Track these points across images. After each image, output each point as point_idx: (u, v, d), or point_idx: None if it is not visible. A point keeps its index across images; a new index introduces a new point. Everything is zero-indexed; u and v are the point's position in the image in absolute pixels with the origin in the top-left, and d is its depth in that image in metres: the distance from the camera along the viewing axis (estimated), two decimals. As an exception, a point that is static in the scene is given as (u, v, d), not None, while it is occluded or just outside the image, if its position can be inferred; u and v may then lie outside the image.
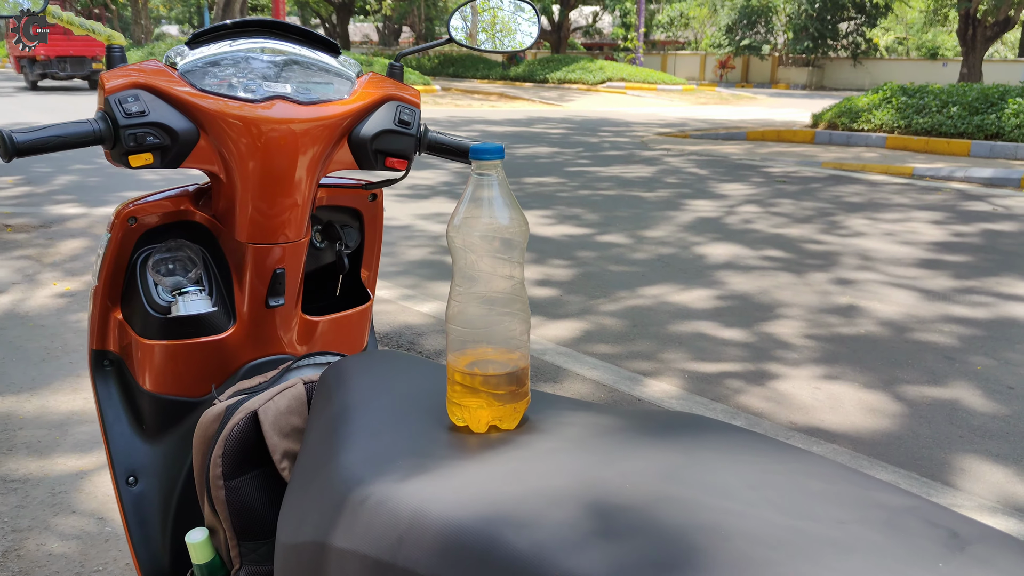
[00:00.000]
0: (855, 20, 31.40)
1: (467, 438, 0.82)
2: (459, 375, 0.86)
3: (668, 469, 0.67)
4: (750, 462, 0.69)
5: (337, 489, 0.77)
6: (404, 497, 0.69)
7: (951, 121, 9.94)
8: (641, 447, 0.74)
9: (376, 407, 0.90)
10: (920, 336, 3.49)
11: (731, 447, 0.73)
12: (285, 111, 1.20)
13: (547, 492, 0.66)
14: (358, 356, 1.07)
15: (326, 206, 1.41)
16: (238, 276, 1.28)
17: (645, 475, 0.66)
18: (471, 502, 0.66)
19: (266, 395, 1.05)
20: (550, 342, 3.36)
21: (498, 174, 0.84)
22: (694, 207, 6.43)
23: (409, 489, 0.70)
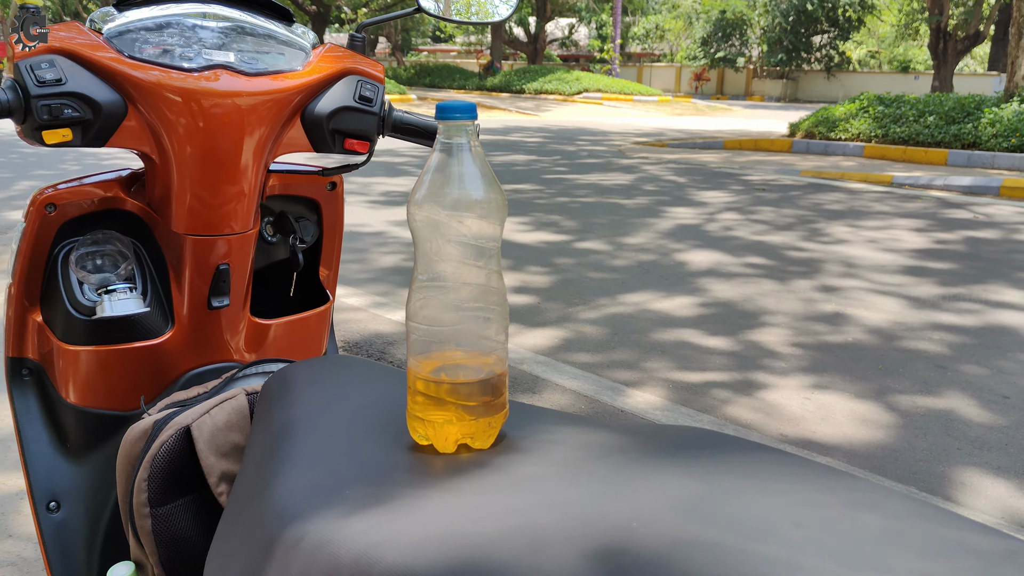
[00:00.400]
0: (828, 33, 31.67)
1: (431, 460, 0.67)
2: (422, 383, 0.71)
3: (686, 502, 0.53)
4: (787, 491, 0.54)
5: (268, 526, 0.62)
6: (348, 538, 0.55)
7: (928, 130, 9.94)
8: (648, 472, 0.59)
9: (323, 423, 0.75)
10: (909, 344, 3.38)
11: (759, 470, 0.59)
12: (228, 83, 1.05)
13: (531, 532, 0.51)
14: (306, 363, 0.91)
15: (278, 195, 1.26)
16: (176, 273, 1.12)
17: (658, 510, 0.52)
18: (433, 546, 0.52)
19: (201, 408, 0.89)
20: (527, 351, 3.22)
21: (470, 139, 0.69)
22: (673, 214, 6.32)
23: (355, 528, 0.56)
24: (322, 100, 1.12)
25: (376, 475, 0.64)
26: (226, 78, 1.05)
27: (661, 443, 0.66)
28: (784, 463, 0.60)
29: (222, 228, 1.10)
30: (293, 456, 0.70)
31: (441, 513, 0.56)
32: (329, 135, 1.14)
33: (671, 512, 0.51)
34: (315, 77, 1.11)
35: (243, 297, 1.17)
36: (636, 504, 0.52)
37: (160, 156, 1.06)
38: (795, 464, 0.60)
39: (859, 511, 0.51)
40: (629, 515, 0.50)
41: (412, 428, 0.71)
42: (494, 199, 0.70)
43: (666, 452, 0.63)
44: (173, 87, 1.02)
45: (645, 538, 0.48)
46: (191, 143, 1.04)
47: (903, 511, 0.52)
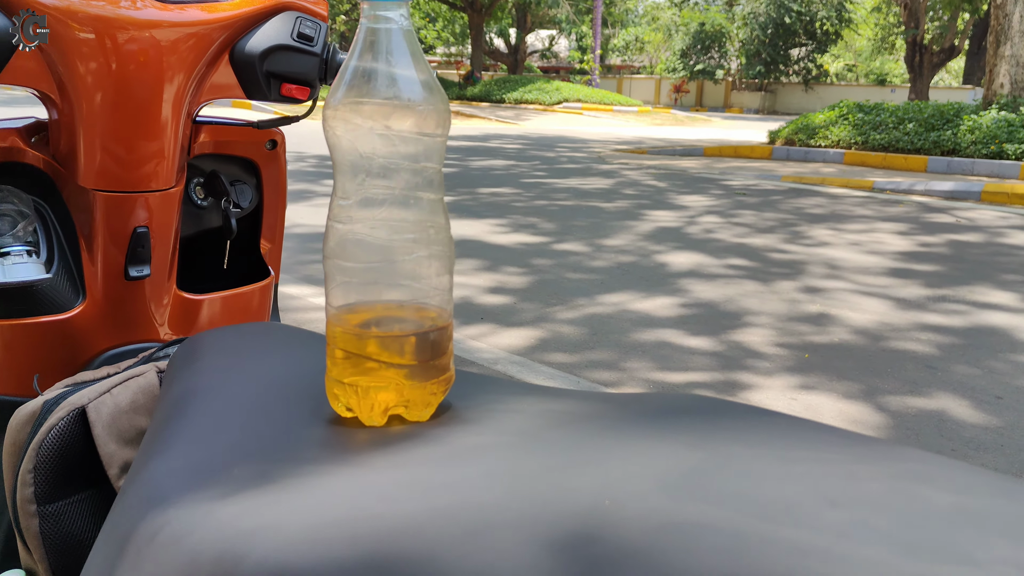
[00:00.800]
0: (806, 46, 31.85)
1: (353, 434, 0.52)
2: (344, 338, 0.56)
3: (678, 474, 0.38)
4: (815, 460, 0.40)
5: (129, 516, 0.47)
6: (214, 528, 0.40)
7: (908, 137, 9.91)
8: (627, 439, 0.45)
9: (226, 394, 0.60)
10: (897, 344, 3.27)
11: (773, 436, 0.44)
12: (142, 11, 0.90)
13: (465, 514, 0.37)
14: (221, 329, 0.76)
15: (210, 155, 1.11)
16: (86, 237, 0.97)
17: (639, 484, 0.37)
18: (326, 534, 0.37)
19: (101, 387, 0.74)
20: (502, 351, 3.07)
21: (402, 24, 0.55)
22: (654, 217, 6.20)
23: (226, 514, 0.41)
24: (254, 37, 0.98)
25: (277, 451, 0.49)
26: (141, 5, 0.90)
27: (644, 408, 0.51)
28: (806, 428, 0.46)
29: (138, 184, 0.95)
30: (180, 432, 0.55)
31: (344, 493, 0.41)
32: (263, 78, 0.99)
33: (657, 487, 0.37)
34: (246, 10, 0.97)
35: (167, 267, 1.02)
36: (610, 477, 0.38)
37: (62, 97, 0.91)
38: (820, 430, 0.46)
39: (914, 484, 0.37)
40: (600, 491, 0.36)
41: (332, 396, 0.56)
42: (433, 103, 0.55)
43: (651, 417, 0.49)
44: (75, 12, 0.87)
45: (622, 521, 0.34)
46: (98, 82, 0.89)
47: (972, 484, 0.37)
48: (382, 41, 0.54)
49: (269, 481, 0.44)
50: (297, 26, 0.99)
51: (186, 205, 1.09)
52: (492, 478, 0.40)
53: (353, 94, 0.53)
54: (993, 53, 10.04)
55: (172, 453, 0.52)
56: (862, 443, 0.43)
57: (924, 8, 23.23)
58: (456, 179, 8.18)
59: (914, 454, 0.41)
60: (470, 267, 4.38)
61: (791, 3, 30.29)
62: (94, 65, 0.88)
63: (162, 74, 0.91)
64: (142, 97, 0.91)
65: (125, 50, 0.89)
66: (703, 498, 0.35)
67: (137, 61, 0.89)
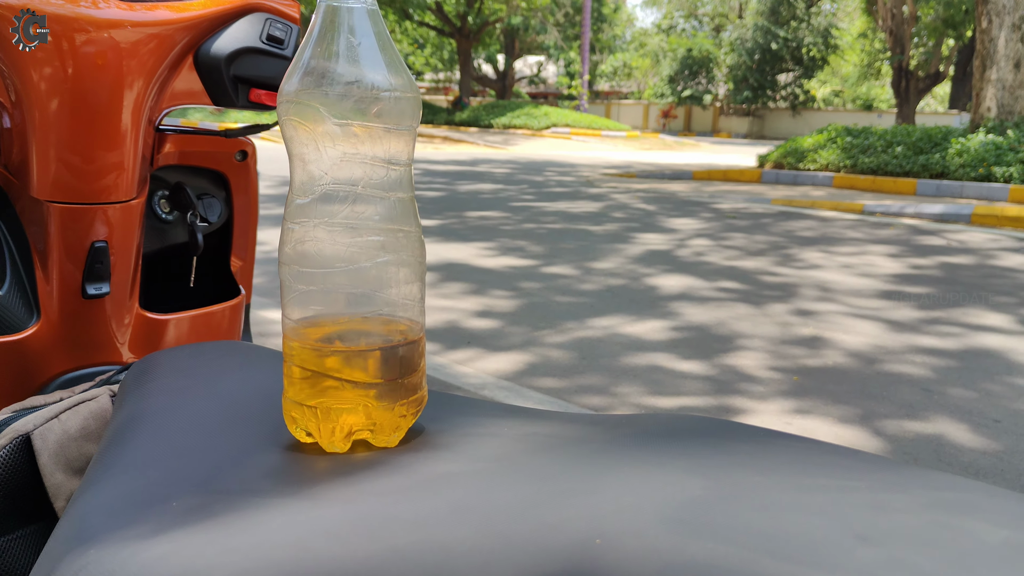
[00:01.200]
0: (793, 72, 32.13)
1: (311, 462, 0.46)
2: (303, 354, 0.50)
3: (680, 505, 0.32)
4: (837, 488, 0.34)
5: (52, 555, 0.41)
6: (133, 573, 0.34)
7: (896, 160, 9.93)
8: (620, 465, 0.38)
9: (177, 418, 0.53)
10: (892, 367, 3.21)
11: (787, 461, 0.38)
12: (100, 9, 0.84)
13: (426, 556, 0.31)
14: (176, 349, 0.70)
15: (175, 166, 1.05)
16: (40, 252, 0.90)
17: (635, 518, 0.31)
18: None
19: (48, 412, 0.67)
20: (489, 376, 3.00)
21: (366, 1, 0.49)
22: (643, 240, 6.16)
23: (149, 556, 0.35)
24: (220, 39, 0.92)
25: (221, 481, 0.43)
26: (99, 3, 0.84)
27: (638, 431, 0.45)
28: (822, 451, 0.40)
29: (96, 195, 0.89)
30: (119, 460, 0.48)
31: (290, 530, 0.35)
32: (230, 83, 0.93)
33: (656, 521, 0.30)
34: (211, 10, 0.91)
35: (128, 284, 0.95)
36: (600, 511, 0.31)
37: (14, 101, 0.85)
38: (837, 453, 0.39)
39: (956, 516, 0.31)
40: (589, 527, 0.30)
41: (289, 420, 0.50)
42: (401, 90, 0.49)
43: (647, 440, 0.42)
44: (26, 6, 0.81)
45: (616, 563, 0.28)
46: (53, 86, 0.83)
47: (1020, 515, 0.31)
48: (343, 21, 0.48)
49: (208, 516, 0.38)
50: (266, 28, 0.94)
51: (149, 219, 1.03)
52: (461, 513, 0.34)
53: (310, 81, 0.48)
54: (979, 77, 10.10)
55: (106, 484, 0.45)
56: (887, 468, 0.37)
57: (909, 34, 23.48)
58: (444, 203, 8.14)
59: (947, 480, 0.35)
60: (457, 290, 4.32)
61: (777, 29, 30.58)
62: (49, 69, 0.82)
63: (121, 78, 0.85)
64: (100, 103, 0.85)
65: (82, 52, 0.83)
66: (710, 534, 0.29)
67: (95, 64, 0.83)
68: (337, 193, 0.48)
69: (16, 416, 0.69)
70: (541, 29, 33.09)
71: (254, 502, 0.39)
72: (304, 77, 0.47)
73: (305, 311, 0.49)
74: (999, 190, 8.77)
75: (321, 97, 0.47)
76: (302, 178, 0.49)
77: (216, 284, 1.13)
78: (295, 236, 0.49)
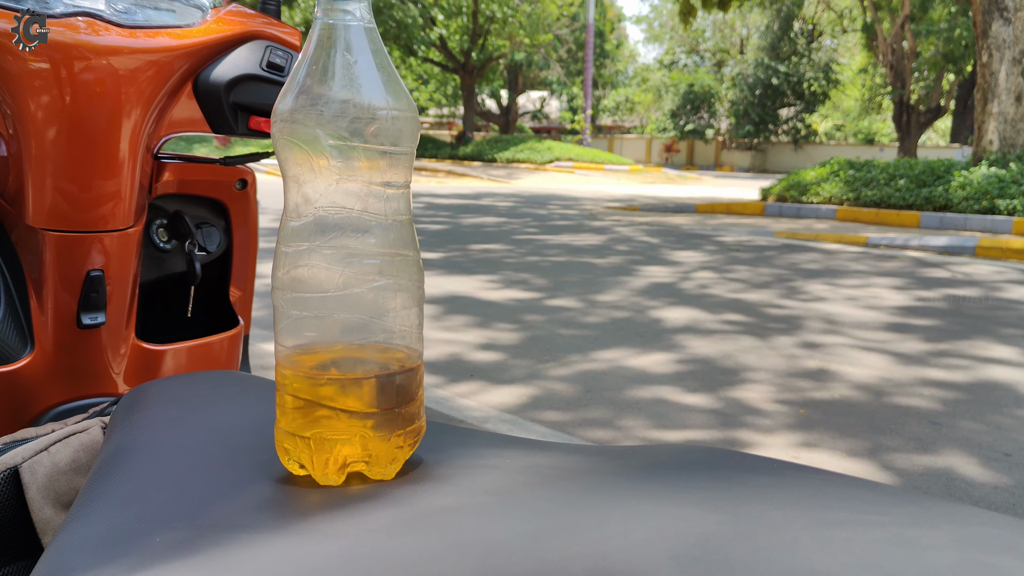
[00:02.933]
0: (794, 107, 32.33)
1: (302, 496, 0.44)
2: (296, 382, 0.48)
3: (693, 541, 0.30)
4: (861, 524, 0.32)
5: None
6: None
7: (899, 193, 9.94)
8: (627, 499, 0.36)
9: (167, 449, 0.51)
10: (900, 400, 3.17)
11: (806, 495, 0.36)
12: (99, 36, 0.83)
13: None
14: (169, 379, 0.68)
15: (174, 195, 1.03)
16: (35, 281, 0.89)
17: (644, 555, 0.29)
18: None
19: (38, 444, 0.65)
20: (493, 409, 2.97)
21: (362, 18, 0.48)
22: (647, 273, 6.14)
23: None
24: (219, 66, 0.91)
25: (208, 515, 0.40)
26: (94, 29, 0.83)
27: (647, 462, 0.43)
28: (841, 484, 0.37)
29: (93, 223, 0.87)
30: (105, 494, 0.46)
31: (274, 568, 0.33)
32: (230, 111, 0.92)
33: (668, 559, 0.28)
34: (211, 37, 0.90)
35: (124, 314, 0.93)
36: (607, 546, 0.29)
37: (10, 128, 0.84)
38: (858, 486, 0.37)
39: (988, 553, 0.28)
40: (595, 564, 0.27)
41: (281, 451, 0.48)
42: (399, 109, 0.48)
43: (656, 472, 0.40)
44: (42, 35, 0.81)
45: None
46: (51, 114, 0.82)
47: None
48: (339, 38, 0.46)
49: (190, 552, 0.36)
50: (267, 55, 0.93)
51: (147, 248, 1.01)
52: (458, 550, 0.31)
53: (305, 99, 0.46)
54: (981, 110, 10.14)
55: (88, 519, 0.43)
56: (910, 501, 0.35)
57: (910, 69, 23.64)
58: (447, 236, 8.14)
59: (975, 514, 0.33)
60: (460, 323, 4.29)
61: (778, 64, 30.81)
62: (46, 97, 0.81)
63: (119, 106, 0.84)
64: (97, 130, 0.84)
65: (80, 80, 0.82)
66: (727, 572, 0.27)
67: (93, 92, 0.82)
68: (332, 216, 0.47)
69: (5, 449, 0.66)
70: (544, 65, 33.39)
71: (239, 537, 0.37)
72: (299, 96, 0.46)
73: (299, 338, 0.47)
74: (1003, 222, 8.76)
75: (316, 117, 0.45)
76: (296, 200, 0.47)
77: (214, 314, 1.11)
78: (289, 260, 0.47)
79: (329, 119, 0.45)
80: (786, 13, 31.11)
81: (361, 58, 0.46)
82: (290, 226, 0.48)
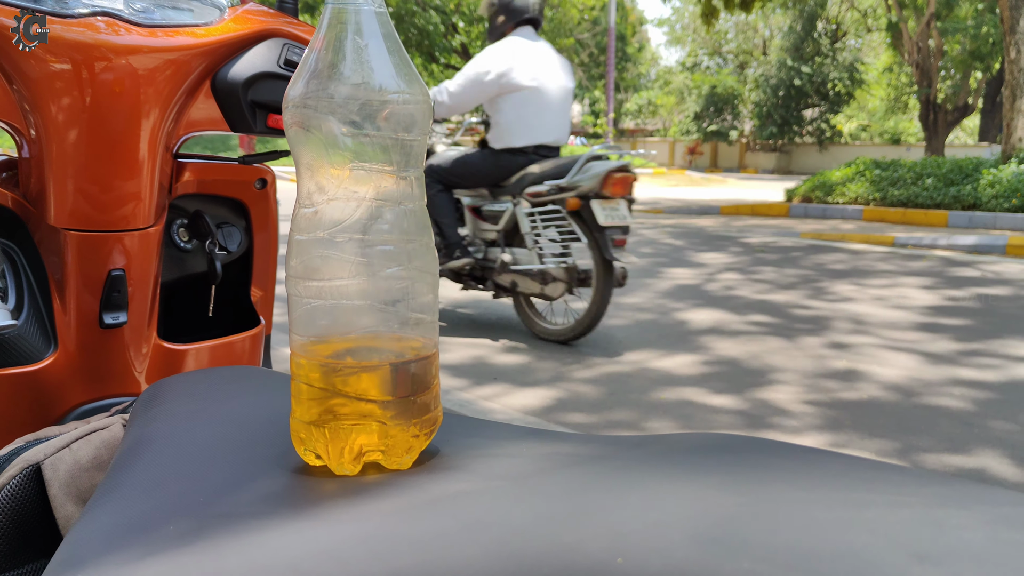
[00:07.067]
0: (819, 107, 32.07)
1: (317, 484, 0.43)
2: (310, 371, 0.47)
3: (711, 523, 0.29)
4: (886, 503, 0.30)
5: None
6: None
7: (927, 192, 9.83)
8: (644, 481, 0.35)
9: (184, 441, 0.51)
10: (930, 400, 3.13)
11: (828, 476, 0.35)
12: (118, 36, 0.84)
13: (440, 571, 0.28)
14: (186, 374, 0.68)
15: (194, 195, 1.04)
16: (58, 281, 0.89)
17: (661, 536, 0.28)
18: None
19: (60, 441, 0.65)
20: (517, 411, 2.96)
21: (373, 3, 0.47)
22: (672, 275, 6.11)
23: None
24: (237, 64, 0.91)
25: (221, 504, 0.40)
26: (112, 28, 0.84)
27: (665, 448, 0.42)
28: (866, 467, 0.36)
29: (114, 223, 0.88)
30: (121, 485, 0.46)
31: (286, 552, 0.32)
32: (248, 109, 0.92)
33: (685, 539, 0.27)
34: (229, 35, 0.90)
35: (147, 313, 0.94)
36: (624, 528, 0.28)
37: (32, 130, 0.84)
38: (884, 469, 0.36)
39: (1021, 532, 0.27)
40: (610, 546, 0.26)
41: (297, 441, 0.47)
42: (411, 93, 0.47)
43: (674, 457, 0.39)
44: (52, 38, 0.81)
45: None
46: (72, 114, 0.83)
47: None
48: (350, 23, 0.46)
49: (202, 539, 0.35)
50: (284, 53, 0.93)
51: (168, 248, 1.02)
52: (471, 532, 0.31)
53: (316, 84, 0.46)
54: (1010, 107, 10.00)
55: (104, 510, 0.43)
56: (940, 482, 0.34)
57: (936, 67, 23.39)
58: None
59: (1006, 495, 0.32)
60: (484, 326, 4.29)
61: (801, 65, 30.60)
62: (67, 98, 0.82)
63: (139, 105, 0.85)
64: (117, 130, 0.84)
65: (100, 80, 0.82)
66: (747, 553, 0.26)
67: (112, 92, 0.83)
68: (345, 203, 0.46)
69: (27, 446, 0.67)
70: (566, 69, 33.36)
71: (252, 524, 0.36)
72: (309, 82, 0.45)
73: (313, 327, 0.47)
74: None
75: (327, 102, 0.45)
76: (309, 188, 0.47)
77: (236, 314, 1.11)
78: (302, 249, 0.47)
79: (340, 104, 0.45)
80: (809, 13, 30.89)
81: (372, 42, 0.46)
82: (303, 213, 0.47)
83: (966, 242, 7.59)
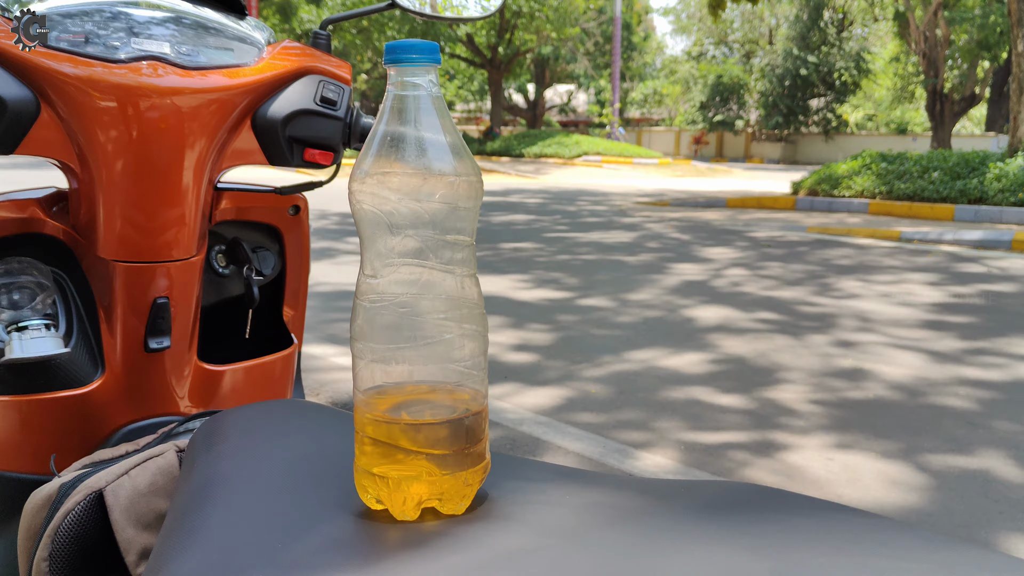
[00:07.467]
0: (825, 97, 31.97)
1: (384, 531, 0.48)
2: (373, 425, 0.52)
3: None
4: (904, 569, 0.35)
5: None
6: None
7: (933, 186, 9.84)
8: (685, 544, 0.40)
9: (250, 482, 0.56)
10: (935, 400, 3.17)
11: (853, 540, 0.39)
12: (163, 78, 0.88)
13: None
14: (243, 408, 0.72)
15: (232, 221, 1.08)
16: (106, 309, 0.94)
17: None
18: None
19: (119, 468, 0.70)
20: (528, 411, 3.01)
21: (431, 90, 0.52)
22: (679, 270, 6.15)
23: None
24: (276, 102, 0.95)
25: (296, 553, 0.45)
26: (159, 71, 0.88)
27: (698, 504, 0.46)
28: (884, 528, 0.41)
29: (159, 254, 0.92)
30: (199, 527, 0.51)
31: None
32: (286, 144, 0.97)
33: None
34: (268, 75, 0.95)
35: (188, 338, 0.99)
36: None
37: (82, 166, 0.89)
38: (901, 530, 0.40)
39: None
40: None
41: (361, 487, 0.52)
42: (465, 172, 0.52)
43: (708, 515, 0.44)
44: (95, 80, 0.85)
45: None
46: (118, 150, 0.87)
47: None
48: (410, 108, 0.51)
49: None
50: (320, 90, 0.97)
51: (207, 273, 1.06)
52: None
53: (380, 164, 0.50)
54: (1016, 100, 10.00)
55: (190, 553, 0.48)
56: (947, 547, 0.38)
57: (943, 57, 23.31)
58: (478, 235, 8.18)
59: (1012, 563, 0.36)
60: (494, 324, 4.34)
61: (807, 55, 30.49)
62: (115, 133, 0.86)
63: (183, 141, 0.89)
64: (163, 165, 0.89)
65: (146, 118, 0.86)
66: None
67: (158, 128, 0.87)
68: (405, 271, 0.51)
69: (87, 473, 0.71)
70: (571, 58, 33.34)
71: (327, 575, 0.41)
72: (375, 160, 0.50)
73: (373, 382, 0.52)
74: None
75: (390, 180, 0.49)
76: (371, 256, 0.51)
77: (269, 333, 1.16)
78: (366, 313, 0.51)
79: (402, 183, 0.49)
80: (816, 3, 30.76)
81: (430, 127, 0.51)
82: (367, 281, 0.52)
83: (972, 237, 7.62)
